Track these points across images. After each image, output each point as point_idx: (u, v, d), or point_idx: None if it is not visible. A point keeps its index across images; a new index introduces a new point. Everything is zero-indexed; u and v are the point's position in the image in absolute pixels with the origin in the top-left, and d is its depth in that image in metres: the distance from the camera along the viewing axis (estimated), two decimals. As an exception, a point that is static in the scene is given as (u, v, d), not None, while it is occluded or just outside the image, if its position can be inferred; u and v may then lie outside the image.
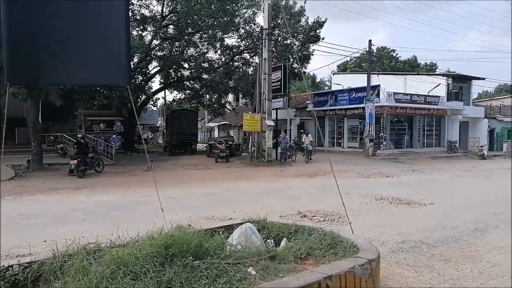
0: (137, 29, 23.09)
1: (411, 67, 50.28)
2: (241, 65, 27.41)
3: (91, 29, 4.23)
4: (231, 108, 30.74)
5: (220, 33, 23.79)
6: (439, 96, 27.89)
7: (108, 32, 4.33)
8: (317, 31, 26.18)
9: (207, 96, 28.50)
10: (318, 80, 55.54)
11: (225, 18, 22.45)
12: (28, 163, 15.89)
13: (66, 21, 4.14)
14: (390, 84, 26.81)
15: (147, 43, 22.89)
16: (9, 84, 4.00)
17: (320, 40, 26.28)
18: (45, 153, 17.75)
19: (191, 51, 25.79)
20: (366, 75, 25.18)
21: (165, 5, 23.54)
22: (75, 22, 4.17)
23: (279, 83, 21.21)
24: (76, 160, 14.25)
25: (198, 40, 25.05)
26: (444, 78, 29.90)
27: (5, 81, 3.94)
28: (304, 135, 22.19)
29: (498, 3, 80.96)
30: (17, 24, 3.93)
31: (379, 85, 25.45)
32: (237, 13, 23.78)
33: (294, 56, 24.86)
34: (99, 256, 3.22)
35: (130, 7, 19.88)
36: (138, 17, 22.91)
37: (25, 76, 4.23)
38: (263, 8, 21.20)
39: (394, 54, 53.37)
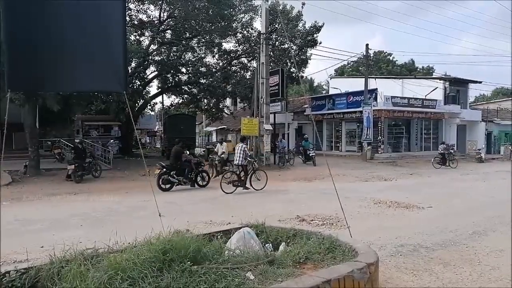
0: (134, 34, 23.12)
1: (408, 71, 50.47)
2: (238, 69, 27.45)
3: (88, 35, 4.25)
4: (229, 113, 30.74)
5: (218, 38, 23.85)
6: (436, 100, 28.01)
7: (105, 38, 4.34)
8: (315, 35, 26.28)
9: (205, 100, 28.49)
10: (315, 84, 55.67)
11: (223, 23, 22.52)
12: (25, 168, 15.82)
13: (63, 28, 4.16)
14: (387, 88, 26.92)
15: (144, 48, 22.91)
16: (9, 90, 4.01)
17: (318, 44, 26.39)
18: (43, 159, 17.68)
19: (189, 55, 25.82)
20: (364, 79, 25.28)
21: (162, 10, 23.61)
22: (72, 29, 4.19)
23: (276, 87, 21.25)
24: (73, 165, 14.21)
25: (196, 45, 25.09)
26: (441, 81, 30.05)
27: (6, 87, 3.95)
28: (218, 144, 16.78)
29: (490, 6, 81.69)
30: (16, 32, 3.95)
31: (376, 89, 25.55)
32: (234, 18, 23.86)
33: (291, 61, 24.94)
34: (97, 262, 3.20)
35: (127, 12, 19.94)
36: (135, 22, 22.94)
37: (25, 82, 4.25)
38: (261, 13, 21.30)
39: (391, 58, 53.60)
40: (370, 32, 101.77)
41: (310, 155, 20.69)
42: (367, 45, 25.38)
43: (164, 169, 12.10)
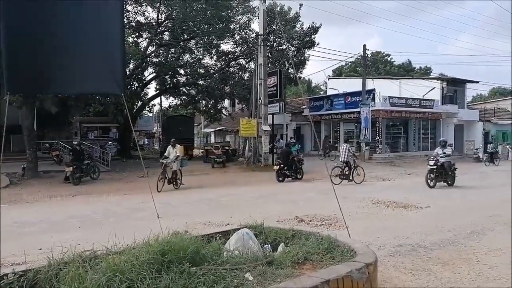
0: (132, 36, 23.11)
1: (406, 71, 50.54)
2: (237, 70, 27.47)
3: (87, 37, 4.25)
4: (227, 114, 30.76)
5: (216, 39, 23.89)
6: (433, 100, 28.08)
7: (103, 40, 4.34)
8: (312, 36, 26.34)
9: (203, 102, 28.51)
10: (313, 85, 55.68)
11: (221, 25, 22.54)
12: (23, 170, 15.79)
13: (62, 31, 4.17)
14: (385, 88, 26.96)
15: (142, 49, 22.91)
16: (8, 93, 4.02)
17: (315, 45, 26.45)
18: (40, 161, 17.64)
19: (187, 57, 25.83)
20: (361, 79, 25.32)
21: (160, 11, 23.61)
22: (70, 32, 4.19)
23: (274, 88, 21.28)
24: (71, 167, 14.19)
25: (194, 46, 25.11)
26: (439, 81, 30.12)
27: (5, 90, 3.96)
28: (170, 147, 13.43)
29: (487, 6, 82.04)
30: (15, 34, 3.95)
31: (374, 89, 25.59)
32: (232, 19, 23.90)
33: (289, 62, 25.00)
34: (95, 264, 3.19)
35: (125, 14, 19.93)
36: (133, 24, 22.93)
37: (24, 85, 4.26)
38: (258, 14, 21.34)
39: (389, 59, 53.69)
40: (368, 33, 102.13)
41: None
42: (364, 45, 25.47)
43: (281, 165, 14.81)
